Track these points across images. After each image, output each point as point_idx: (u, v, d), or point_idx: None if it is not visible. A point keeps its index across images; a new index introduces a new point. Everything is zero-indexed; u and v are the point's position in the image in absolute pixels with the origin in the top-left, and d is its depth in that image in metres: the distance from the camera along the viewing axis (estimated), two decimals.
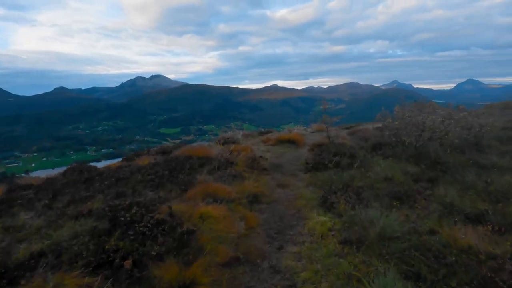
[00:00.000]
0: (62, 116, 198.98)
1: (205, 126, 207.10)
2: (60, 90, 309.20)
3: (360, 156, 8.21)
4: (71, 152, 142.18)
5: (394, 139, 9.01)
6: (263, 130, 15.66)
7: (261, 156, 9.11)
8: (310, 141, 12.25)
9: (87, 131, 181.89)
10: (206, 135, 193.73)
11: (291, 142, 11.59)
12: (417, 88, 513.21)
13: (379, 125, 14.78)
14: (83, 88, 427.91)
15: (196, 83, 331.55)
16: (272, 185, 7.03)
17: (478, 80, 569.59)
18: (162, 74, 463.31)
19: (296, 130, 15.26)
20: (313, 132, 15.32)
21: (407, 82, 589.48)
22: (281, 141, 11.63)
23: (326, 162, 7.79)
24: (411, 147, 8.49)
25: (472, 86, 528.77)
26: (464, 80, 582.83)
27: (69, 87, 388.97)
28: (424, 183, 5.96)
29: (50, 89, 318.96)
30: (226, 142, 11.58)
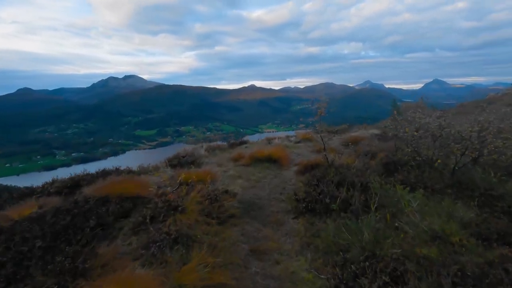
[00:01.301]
0: (27, 119, 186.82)
1: (182, 128, 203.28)
2: (25, 91, 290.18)
3: (375, 186, 5.34)
4: (38, 157, 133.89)
5: (416, 156, 6.45)
6: (235, 141, 12.09)
7: (226, 191, 5.91)
8: (297, 156, 9.51)
9: (56, 134, 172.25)
10: (184, 137, 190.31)
11: (272, 160, 8.41)
12: (389, 88, 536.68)
13: (376, 130, 13.57)
14: (50, 89, 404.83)
15: (172, 84, 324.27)
16: (242, 252, 4.25)
17: (443, 80, 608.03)
18: (136, 74, 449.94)
19: (277, 139, 12.20)
20: (298, 142, 12.10)
21: (379, 82, 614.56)
22: (258, 159, 8.36)
23: (328, 200, 5.04)
24: (442, 169, 6.01)
25: (438, 86, 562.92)
26: (431, 80, 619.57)
27: (34, 88, 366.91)
28: (503, 247, 3.44)
29: (13, 90, 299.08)
30: (180, 162, 8.48)
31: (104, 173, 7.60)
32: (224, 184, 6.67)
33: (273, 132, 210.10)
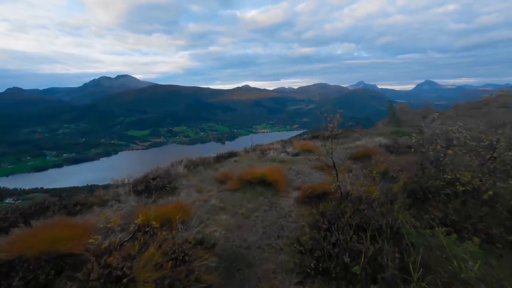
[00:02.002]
0: (17, 119, 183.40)
1: (176, 128, 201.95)
2: (14, 91, 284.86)
3: (409, 231, 3.82)
4: (28, 158, 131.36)
5: (456, 183, 4.71)
6: (223, 153, 9.86)
7: (201, 241, 4.10)
8: (296, 175, 7.53)
9: (46, 135, 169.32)
10: (177, 137, 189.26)
11: (266, 184, 6.51)
12: (382, 88, 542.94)
13: (383, 139, 11.74)
14: (40, 88, 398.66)
15: (166, 84, 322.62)
16: None
17: (434, 81, 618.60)
18: (129, 74, 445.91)
19: (272, 151, 9.89)
20: (297, 154, 9.90)
21: (372, 83, 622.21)
22: (248, 182, 6.53)
23: (347, 259, 3.42)
24: (494, 203, 4.37)
25: (429, 87, 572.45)
26: (423, 81, 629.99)
27: (24, 88, 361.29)
28: None
29: (2, 90, 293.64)
30: (149, 187, 6.26)
31: (39, 209, 5.23)
32: (201, 224, 4.80)
33: (267, 132, 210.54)
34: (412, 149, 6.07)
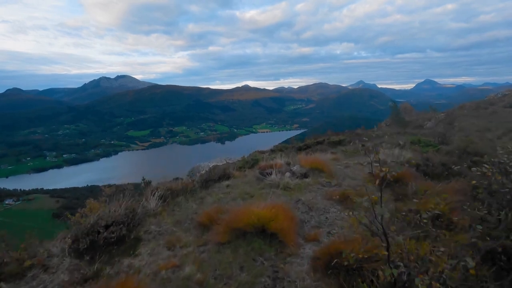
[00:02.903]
0: (16, 120, 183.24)
1: (175, 128, 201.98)
2: (14, 92, 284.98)
3: None
4: (28, 158, 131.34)
5: None
6: (213, 174, 7.41)
7: None
8: (307, 213, 5.19)
9: (46, 136, 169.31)
10: (177, 137, 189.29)
11: (266, 233, 4.23)
12: (381, 88, 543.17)
13: (407, 152, 8.77)
14: (40, 89, 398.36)
15: (165, 84, 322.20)
16: None
17: (434, 80, 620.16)
18: (129, 74, 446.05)
19: (273, 173, 6.99)
20: (305, 175, 7.20)
21: (371, 82, 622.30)
22: (241, 232, 4.26)
23: None
24: None
25: (429, 86, 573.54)
26: (422, 80, 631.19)
27: (24, 88, 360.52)
28: None
29: (2, 91, 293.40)
30: (95, 242, 4.02)
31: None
32: None
33: (267, 132, 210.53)
34: (473, 182, 3.92)
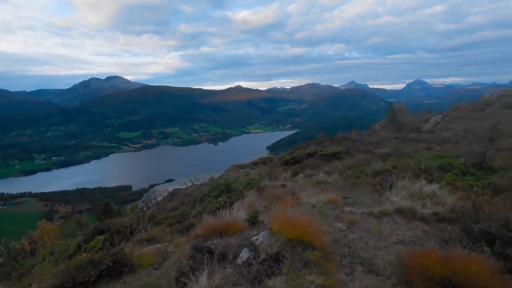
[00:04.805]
0: (4, 122, 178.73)
1: (168, 129, 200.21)
2: (1, 93, 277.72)
3: None
4: (16, 161, 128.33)
5: None
6: (182, 221, 5.38)
7: None
8: None
9: (35, 138, 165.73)
10: (170, 138, 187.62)
11: None
12: (373, 88, 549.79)
13: (373, 202, 4.85)
14: (28, 90, 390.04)
15: (157, 85, 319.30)
16: None
17: (424, 81, 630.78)
18: (120, 75, 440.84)
19: (218, 238, 3.47)
20: (273, 259, 3.00)
21: (363, 83, 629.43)
22: None
23: None
24: None
25: (419, 86, 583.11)
26: (413, 80, 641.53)
27: (11, 90, 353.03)
28: None
29: None
30: None
31: None
32: None
33: (260, 132, 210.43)
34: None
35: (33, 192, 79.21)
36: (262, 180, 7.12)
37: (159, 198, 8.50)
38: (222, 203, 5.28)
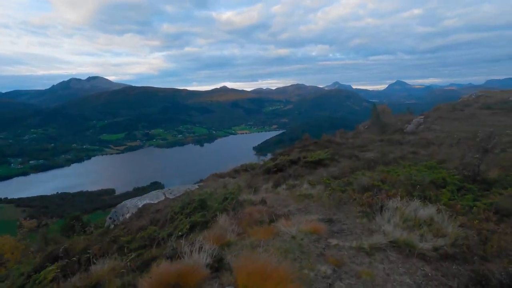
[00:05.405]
0: None
1: (152, 131, 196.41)
2: None
3: None
4: None
5: None
6: None
7: None
8: None
9: (11, 141, 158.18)
10: (154, 140, 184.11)
11: None
12: (356, 88, 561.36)
13: (363, 232, 4.07)
14: (3, 91, 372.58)
15: (140, 85, 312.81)
16: None
17: (404, 82, 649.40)
18: (101, 76, 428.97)
19: None
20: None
21: (347, 83, 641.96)
22: None
23: None
24: None
25: (400, 87, 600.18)
26: (394, 81, 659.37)
27: None
28: None
29: None
30: None
31: None
32: None
33: (246, 133, 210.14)
34: None
35: (8, 197, 75.54)
36: (240, 193, 6.52)
37: (127, 215, 7.76)
38: (195, 223, 4.96)
